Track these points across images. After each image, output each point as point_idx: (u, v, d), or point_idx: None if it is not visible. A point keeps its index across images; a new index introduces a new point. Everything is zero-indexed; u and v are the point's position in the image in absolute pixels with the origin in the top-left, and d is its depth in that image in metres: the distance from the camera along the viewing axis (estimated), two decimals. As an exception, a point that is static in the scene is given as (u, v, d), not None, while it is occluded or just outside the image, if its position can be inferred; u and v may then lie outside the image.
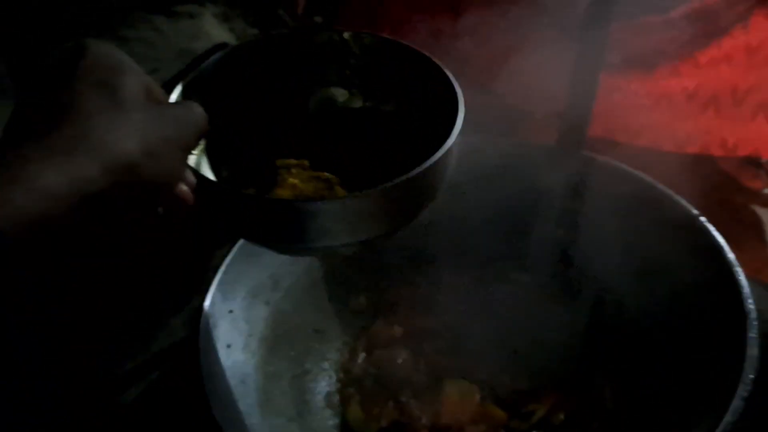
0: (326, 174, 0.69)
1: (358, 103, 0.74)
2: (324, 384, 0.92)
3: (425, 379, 0.90)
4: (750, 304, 0.74)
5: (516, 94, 1.16)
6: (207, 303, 0.83)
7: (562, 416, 0.83)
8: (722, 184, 1.25)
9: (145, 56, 1.35)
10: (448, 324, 0.95)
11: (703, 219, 0.84)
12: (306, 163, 0.70)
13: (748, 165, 1.31)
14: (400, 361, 0.91)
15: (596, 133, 1.04)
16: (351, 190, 0.67)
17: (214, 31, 1.40)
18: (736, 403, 0.67)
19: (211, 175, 0.65)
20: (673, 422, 0.74)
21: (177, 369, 0.90)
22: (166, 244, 0.60)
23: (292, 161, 0.70)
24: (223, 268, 0.86)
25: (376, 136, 0.74)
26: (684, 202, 0.87)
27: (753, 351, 0.70)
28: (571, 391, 0.86)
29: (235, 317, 0.86)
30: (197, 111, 0.58)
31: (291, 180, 0.68)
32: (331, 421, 0.89)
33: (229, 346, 0.83)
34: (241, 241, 0.89)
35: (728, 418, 0.66)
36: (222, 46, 1.16)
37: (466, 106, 0.64)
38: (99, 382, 0.94)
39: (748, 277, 0.77)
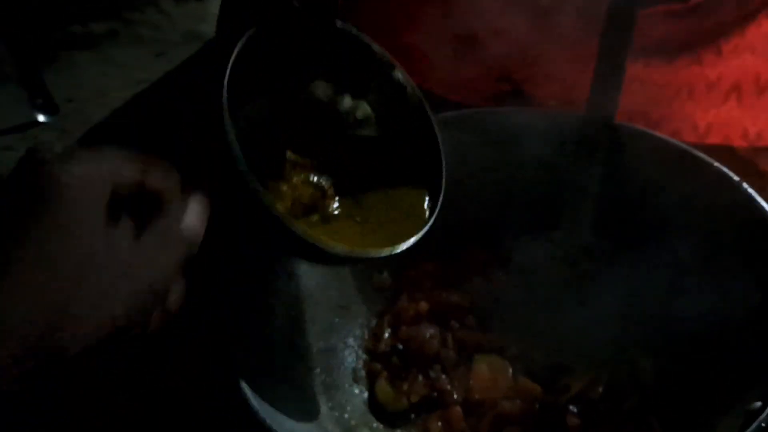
0: (323, 182, 0.74)
1: (343, 105, 0.78)
2: (350, 360, 0.90)
3: (454, 355, 0.87)
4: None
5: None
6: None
7: (600, 389, 0.80)
8: (739, 169, 1.25)
9: (152, 39, 1.38)
10: (476, 300, 0.93)
11: (745, 185, 0.82)
12: (308, 162, 0.74)
13: (766, 150, 1.30)
14: (427, 336, 0.88)
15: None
16: (343, 190, 0.75)
17: (220, 12, 1.41)
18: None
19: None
20: (724, 390, 0.71)
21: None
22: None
23: (299, 158, 0.74)
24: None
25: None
26: (725, 170, 0.85)
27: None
28: (608, 366, 0.83)
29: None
30: (190, 221, 0.52)
31: (294, 178, 0.73)
32: (359, 397, 0.87)
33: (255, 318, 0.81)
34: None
35: None
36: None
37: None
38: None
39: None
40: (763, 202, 0.80)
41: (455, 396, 0.83)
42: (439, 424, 0.82)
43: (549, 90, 1.17)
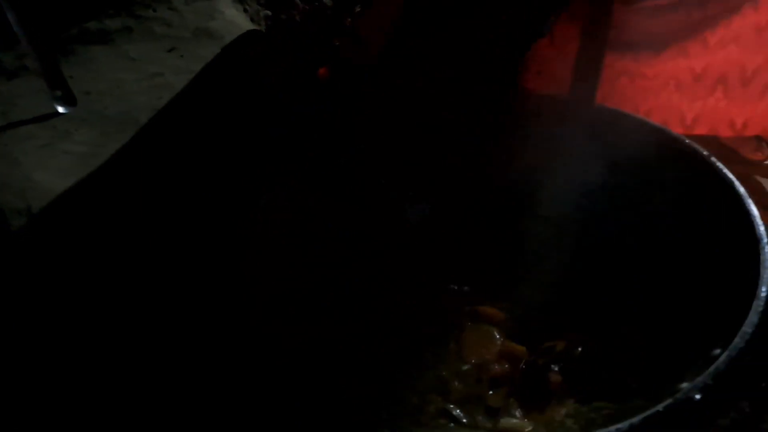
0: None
1: None
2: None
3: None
4: (761, 230, 0.76)
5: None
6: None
7: (579, 350, 0.85)
8: (723, 157, 1.28)
9: (164, 35, 1.41)
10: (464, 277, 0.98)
11: (714, 159, 0.86)
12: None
13: (750, 139, 1.33)
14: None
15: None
16: None
17: (229, 11, 1.44)
18: (752, 317, 0.69)
19: None
20: (689, 345, 0.75)
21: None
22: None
23: None
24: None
25: None
26: (696, 146, 0.89)
27: (766, 272, 0.72)
28: (588, 329, 0.88)
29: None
30: None
31: None
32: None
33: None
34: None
35: (746, 329, 0.68)
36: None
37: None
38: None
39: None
40: (730, 174, 0.85)
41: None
42: None
43: (539, 83, 1.21)
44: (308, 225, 0.97)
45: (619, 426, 0.64)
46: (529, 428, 0.80)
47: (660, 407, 0.65)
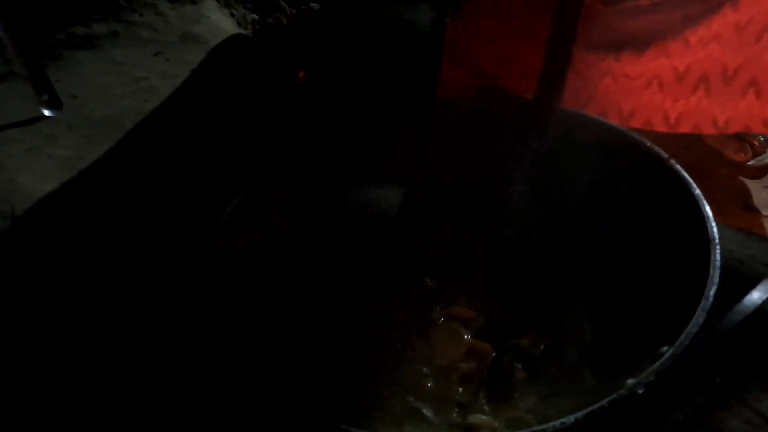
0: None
1: None
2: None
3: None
4: (714, 231, 0.76)
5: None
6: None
7: (541, 347, 0.88)
8: (707, 158, 1.28)
9: (150, 39, 1.42)
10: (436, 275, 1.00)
11: (672, 161, 0.87)
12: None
13: (733, 139, 1.33)
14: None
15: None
16: None
17: (215, 15, 1.46)
18: (698, 317, 0.70)
19: None
20: (640, 343, 0.77)
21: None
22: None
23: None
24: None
25: None
26: (656, 148, 0.89)
27: (715, 272, 0.72)
28: (551, 326, 0.91)
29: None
30: None
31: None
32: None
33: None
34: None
35: (692, 328, 0.70)
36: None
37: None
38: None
39: (719, 223, 0.81)
40: (687, 175, 0.85)
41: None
42: None
43: (523, 84, 1.22)
44: (304, 225, 0.98)
45: (563, 420, 0.66)
46: (496, 424, 0.82)
47: (604, 402, 0.67)
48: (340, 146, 1.03)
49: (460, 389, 0.87)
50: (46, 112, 1.30)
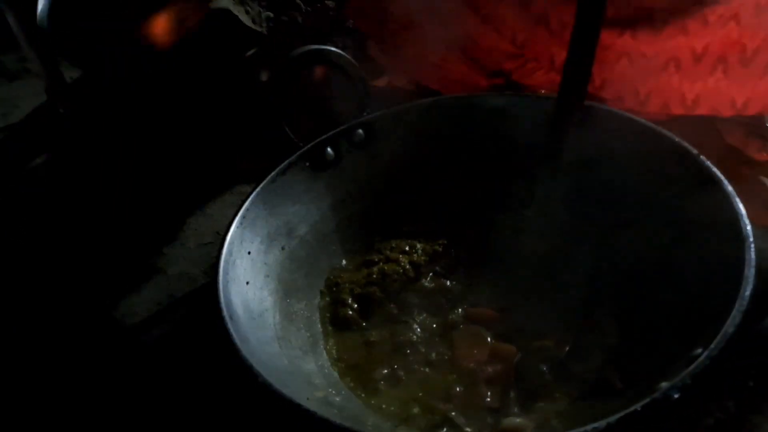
0: None
1: None
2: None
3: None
4: (748, 229, 0.76)
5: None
6: (226, 243, 0.87)
7: (567, 348, 0.86)
8: (728, 156, 1.26)
9: None
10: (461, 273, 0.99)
11: (702, 158, 0.86)
12: None
13: (755, 138, 1.32)
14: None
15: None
16: None
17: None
18: (735, 317, 0.69)
19: None
20: (672, 345, 0.76)
21: (198, 310, 0.94)
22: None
23: None
24: (241, 212, 0.90)
25: None
26: (686, 144, 0.89)
27: (750, 271, 0.72)
28: (575, 327, 0.88)
29: (254, 259, 0.90)
30: None
31: None
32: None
33: (248, 282, 0.88)
34: (258, 188, 0.94)
35: (728, 329, 0.68)
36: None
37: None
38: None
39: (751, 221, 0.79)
40: (719, 172, 0.85)
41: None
42: None
43: (537, 78, 1.21)
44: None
45: (595, 425, 0.65)
46: (532, 426, 0.80)
47: (638, 406, 0.65)
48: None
49: (489, 393, 0.85)
50: (62, 110, 1.29)
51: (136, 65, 1.30)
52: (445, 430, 0.81)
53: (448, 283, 0.98)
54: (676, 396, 0.66)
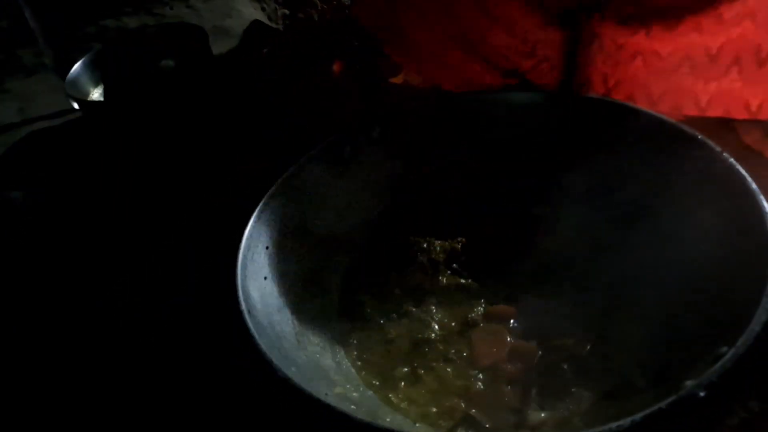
0: None
1: None
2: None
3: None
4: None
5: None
6: (245, 238, 0.87)
7: (588, 347, 0.86)
8: (747, 159, 1.26)
9: None
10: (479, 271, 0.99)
11: (726, 154, 0.86)
12: None
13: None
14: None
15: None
16: None
17: (246, 9, 1.45)
18: (760, 315, 0.69)
19: None
20: (697, 343, 0.76)
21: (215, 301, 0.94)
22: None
23: None
24: (260, 207, 0.90)
25: None
26: (709, 141, 0.88)
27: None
28: (595, 325, 0.88)
29: (272, 254, 0.91)
30: None
31: None
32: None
33: (266, 278, 0.88)
34: (276, 183, 0.94)
35: (754, 326, 0.68)
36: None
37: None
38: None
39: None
40: (743, 170, 0.84)
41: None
42: None
43: (552, 78, 1.21)
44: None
45: (620, 423, 0.64)
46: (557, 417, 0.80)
47: (663, 404, 0.65)
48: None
49: (510, 392, 0.84)
50: (75, 105, 1.29)
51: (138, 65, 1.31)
52: (465, 428, 0.80)
53: (467, 281, 0.97)
54: (701, 394, 0.66)
